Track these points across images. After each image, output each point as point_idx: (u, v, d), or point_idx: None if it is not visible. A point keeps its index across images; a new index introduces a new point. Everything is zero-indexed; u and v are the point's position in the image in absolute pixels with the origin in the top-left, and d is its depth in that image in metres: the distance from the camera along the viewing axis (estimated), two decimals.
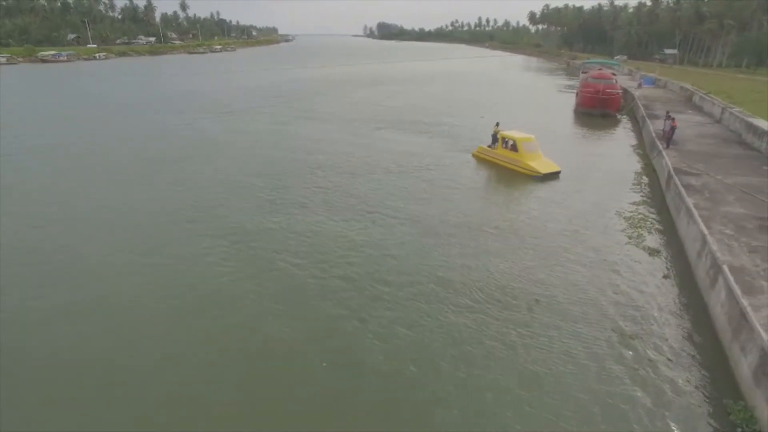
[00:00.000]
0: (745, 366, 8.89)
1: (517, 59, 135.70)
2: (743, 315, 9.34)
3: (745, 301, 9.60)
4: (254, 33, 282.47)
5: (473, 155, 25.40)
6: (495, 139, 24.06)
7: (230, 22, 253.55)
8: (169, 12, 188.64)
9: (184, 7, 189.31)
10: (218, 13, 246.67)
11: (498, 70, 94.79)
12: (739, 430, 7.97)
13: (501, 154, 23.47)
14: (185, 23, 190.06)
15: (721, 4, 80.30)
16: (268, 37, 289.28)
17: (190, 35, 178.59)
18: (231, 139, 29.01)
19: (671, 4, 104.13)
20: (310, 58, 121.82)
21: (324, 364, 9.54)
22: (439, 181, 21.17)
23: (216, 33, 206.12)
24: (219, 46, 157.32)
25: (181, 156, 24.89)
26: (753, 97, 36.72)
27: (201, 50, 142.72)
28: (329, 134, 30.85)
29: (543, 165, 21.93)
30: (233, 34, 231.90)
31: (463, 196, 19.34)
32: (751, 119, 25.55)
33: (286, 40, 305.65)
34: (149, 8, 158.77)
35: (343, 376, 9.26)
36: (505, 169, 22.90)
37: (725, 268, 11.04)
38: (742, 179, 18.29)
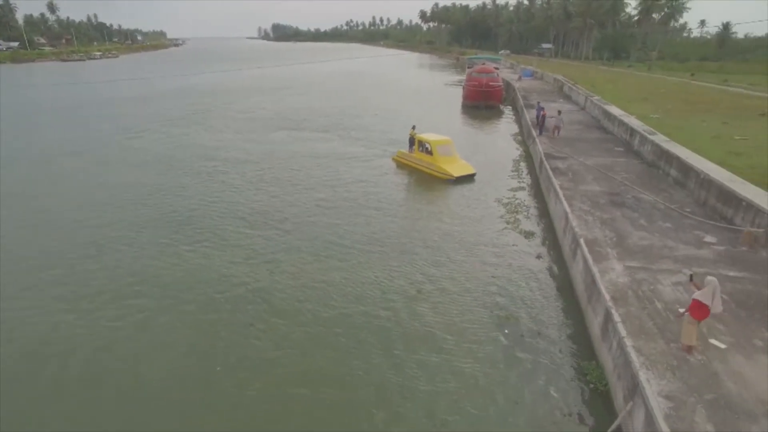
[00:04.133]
0: (596, 326, 9.92)
1: (412, 57, 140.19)
2: (594, 281, 10.41)
3: (595, 269, 10.73)
4: (139, 38, 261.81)
5: (393, 159, 24.83)
6: (412, 142, 23.71)
7: (110, 26, 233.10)
8: (35, 14, 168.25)
9: (53, 8, 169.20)
10: (95, 16, 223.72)
11: (393, 68, 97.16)
12: (592, 386, 8.84)
13: (418, 157, 23.15)
14: (56, 26, 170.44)
15: (583, 3, 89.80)
16: (155, 41, 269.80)
17: (63, 40, 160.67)
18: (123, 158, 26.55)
19: (544, 4, 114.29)
20: (200, 64, 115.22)
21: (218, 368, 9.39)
22: (342, 186, 20.80)
23: (95, 38, 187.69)
24: (98, 53, 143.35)
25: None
26: (610, 87, 41.46)
27: (77, 57, 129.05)
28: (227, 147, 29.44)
29: (457, 168, 21.67)
30: (115, 39, 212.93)
31: (355, 198, 19.48)
32: (606, 106, 28.79)
33: (176, 45, 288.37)
34: (6, 7, 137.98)
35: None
36: (422, 172, 22.54)
37: (581, 240, 12.26)
38: (600, 160, 20.49)
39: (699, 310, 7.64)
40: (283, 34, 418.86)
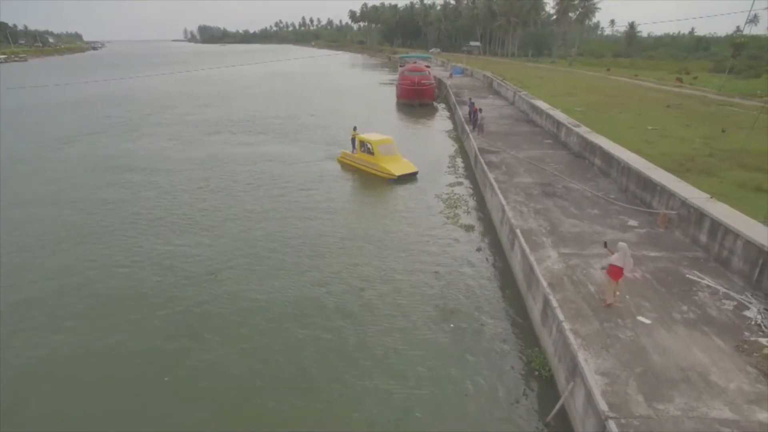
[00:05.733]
0: (536, 313, 10.37)
1: (345, 57, 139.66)
2: (532, 269, 10.87)
3: (532, 258, 11.21)
4: (51, 40, 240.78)
5: (338, 160, 24.52)
6: (354, 143, 23.69)
7: (14, 26, 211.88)
8: None
9: None
10: None
11: (327, 68, 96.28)
12: (536, 372, 9.22)
13: (360, 158, 23.08)
14: None
15: (506, 3, 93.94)
16: (69, 44, 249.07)
17: None
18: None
19: (470, 3, 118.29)
20: (124, 69, 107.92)
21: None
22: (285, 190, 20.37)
23: None
24: (2, 56, 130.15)
25: None
26: (536, 82, 43.63)
27: None
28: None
29: (399, 167, 21.75)
30: (21, 41, 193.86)
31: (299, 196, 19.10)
32: (533, 101, 30.26)
33: (94, 48, 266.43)
34: None
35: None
36: (364, 172, 22.47)
37: (518, 231, 12.77)
38: (530, 152, 21.48)
39: (615, 273, 8.84)
40: (210, 36, 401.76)
